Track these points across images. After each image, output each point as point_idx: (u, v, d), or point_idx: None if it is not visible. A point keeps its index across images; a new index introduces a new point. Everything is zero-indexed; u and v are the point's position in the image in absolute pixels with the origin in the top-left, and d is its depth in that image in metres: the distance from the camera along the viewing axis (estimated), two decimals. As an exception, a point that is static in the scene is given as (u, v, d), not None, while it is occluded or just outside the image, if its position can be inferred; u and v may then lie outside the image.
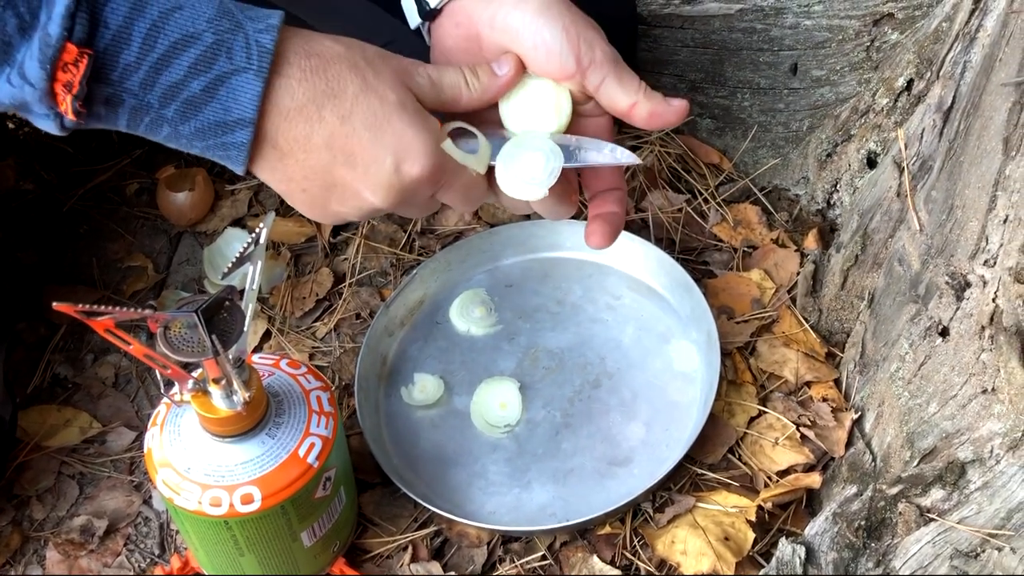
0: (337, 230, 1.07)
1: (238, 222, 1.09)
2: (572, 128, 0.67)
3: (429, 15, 0.67)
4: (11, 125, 1.17)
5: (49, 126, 0.55)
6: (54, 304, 0.60)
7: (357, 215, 0.63)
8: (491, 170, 0.66)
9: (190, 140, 0.58)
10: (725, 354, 0.92)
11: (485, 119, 0.66)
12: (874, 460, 0.83)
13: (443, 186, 0.63)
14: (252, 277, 0.70)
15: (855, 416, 0.87)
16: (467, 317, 0.98)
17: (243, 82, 0.56)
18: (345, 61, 0.58)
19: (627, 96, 0.64)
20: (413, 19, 0.68)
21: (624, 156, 0.65)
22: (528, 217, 1.05)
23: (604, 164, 0.66)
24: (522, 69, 0.65)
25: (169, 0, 0.54)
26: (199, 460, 0.72)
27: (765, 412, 0.90)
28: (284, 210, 1.09)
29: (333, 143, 0.59)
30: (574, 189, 0.70)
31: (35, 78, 0.53)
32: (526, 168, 0.65)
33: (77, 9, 0.52)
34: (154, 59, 0.54)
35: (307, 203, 0.62)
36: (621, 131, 1.06)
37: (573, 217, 1.01)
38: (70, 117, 0.54)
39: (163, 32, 0.54)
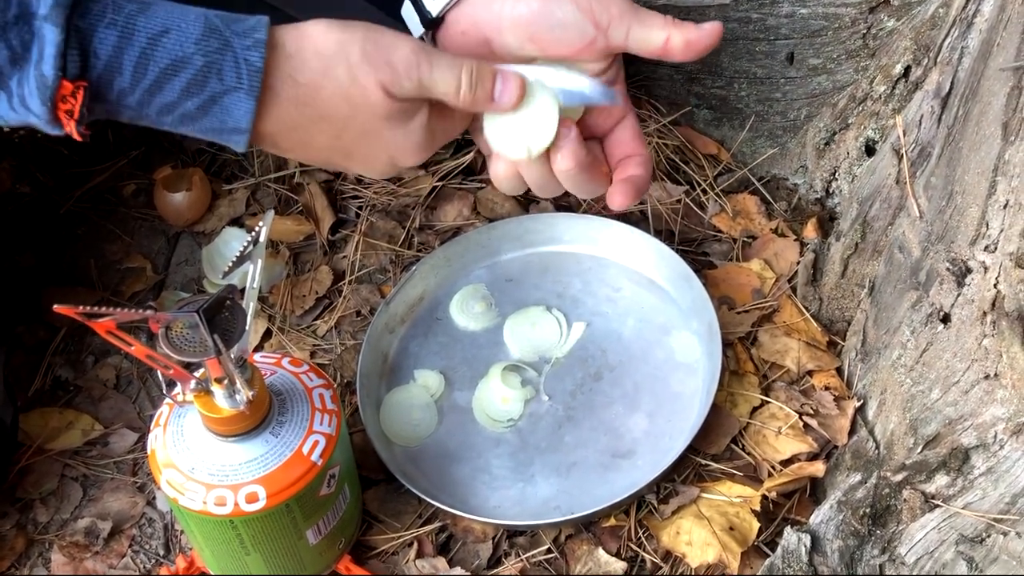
0: (336, 228, 1.07)
1: (236, 221, 1.09)
2: (593, 118, 0.68)
3: (431, 24, 0.66)
4: (5, 129, 1.16)
5: (57, 132, 0.58)
6: (55, 307, 0.60)
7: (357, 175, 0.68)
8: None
9: (191, 135, 0.60)
10: (727, 344, 0.92)
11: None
12: (877, 447, 0.83)
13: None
14: (253, 276, 0.70)
15: (858, 404, 0.87)
16: (467, 312, 0.98)
17: (236, 100, 0.58)
18: (332, 85, 0.59)
19: (657, 34, 0.64)
20: (416, 29, 0.68)
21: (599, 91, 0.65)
22: (527, 210, 1.05)
23: (590, 101, 0.65)
24: (521, 99, 0.63)
25: (156, 23, 0.55)
26: (203, 460, 0.72)
27: (768, 402, 0.90)
28: (282, 208, 1.09)
29: (328, 149, 0.63)
30: (603, 161, 0.69)
31: (38, 111, 0.55)
32: (521, 124, 0.64)
33: (67, 48, 0.53)
34: (147, 84, 0.56)
35: (315, 164, 0.69)
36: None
37: (570, 210, 1.02)
38: (75, 137, 0.57)
39: (152, 59, 0.56)
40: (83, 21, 0.54)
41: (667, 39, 0.64)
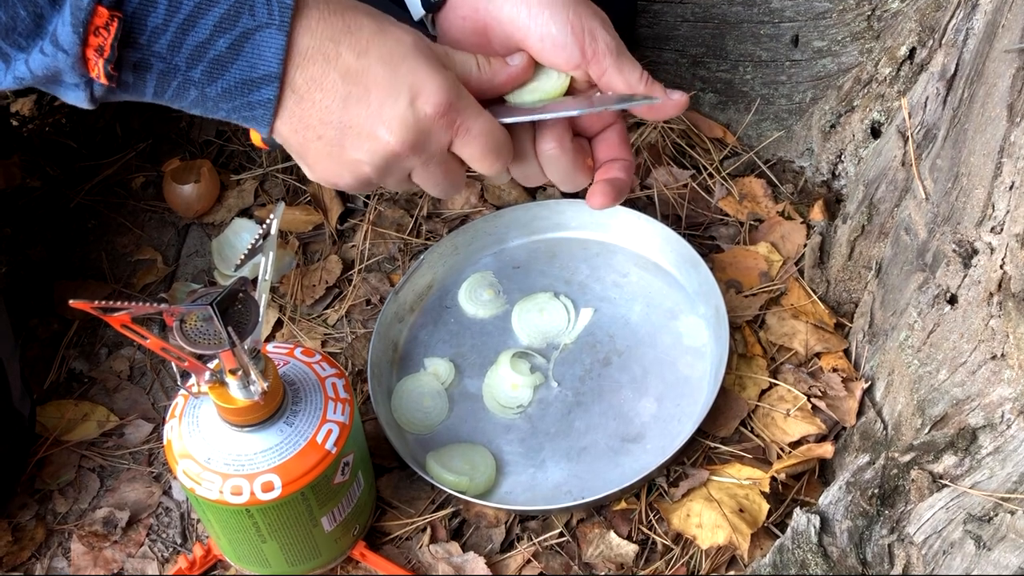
0: (344, 217, 1.07)
1: (245, 212, 1.09)
2: (584, 118, 0.69)
3: (433, 7, 0.67)
4: (15, 123, 1.17)
5: (79, 97, 0.57)
6: (71, 302, 0.61)
7: (373, 163, 0.62)
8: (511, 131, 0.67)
9: (216, 102, 0.59)
10: (734, 328, 0.93)
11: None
12: (885, 428, 0.83)
13: (460, 130, 0.62)
14: (264, 267, 0.71)
15: (865, 385, 0.87)
16: (475, 300, 0.99)
17: (267, 37, 0.57)
18: (363, 9, 0.60)
19: (627, 88, 0.65)
20: (416, 11, 0.68)
21: (644, 99, 0.66)
22: (534, 197, 1.06)
23: (627, 106, 0.67)
24: (533, 65, 0.66)
25: None
26: (219, 450, 0.73)
27: (776, 384, 0.90)
28: (291, 198, 1.10)
29: (348, 77, 0.59)
30: (588, 154, 0.70)
31: (68, 43, 0.54)
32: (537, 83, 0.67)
33: None
34: (180, 20, 0.56)
35: (323, 154, 0.62)
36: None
37: (576, 196, 1.02)
38: (101, 81, 0.55)
39: None
40: None
41: (634, 96, 0.65)
